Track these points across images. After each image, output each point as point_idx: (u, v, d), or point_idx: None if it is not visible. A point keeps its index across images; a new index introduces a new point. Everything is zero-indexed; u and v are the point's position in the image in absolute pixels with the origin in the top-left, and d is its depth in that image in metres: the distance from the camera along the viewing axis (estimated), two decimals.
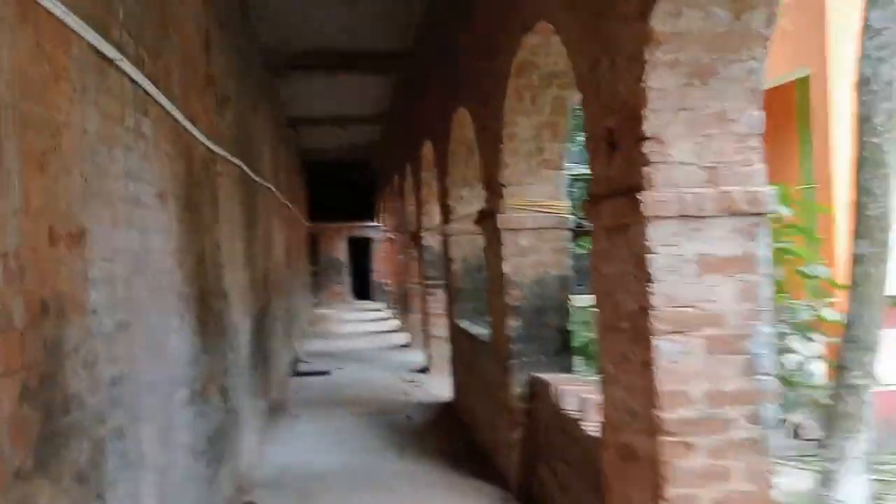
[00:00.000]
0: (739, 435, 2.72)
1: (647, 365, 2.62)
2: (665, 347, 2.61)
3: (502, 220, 4.74)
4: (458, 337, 7.03)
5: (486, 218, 5.10)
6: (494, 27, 4.81)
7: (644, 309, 2.61)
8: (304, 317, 15.58)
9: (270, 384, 7.70)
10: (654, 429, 2.64)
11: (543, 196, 4.80)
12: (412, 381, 8.85)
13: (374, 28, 7.88)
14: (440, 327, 9.31)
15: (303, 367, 9.78)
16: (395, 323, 15.01)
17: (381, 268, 20.57)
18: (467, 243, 7.15)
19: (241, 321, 5.73)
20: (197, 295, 4.04)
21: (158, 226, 3.32)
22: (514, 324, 4.78)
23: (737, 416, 2.72)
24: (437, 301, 9.34)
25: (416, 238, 9.80)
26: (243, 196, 6.34)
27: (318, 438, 6.39)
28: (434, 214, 9.29)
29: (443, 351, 9.27)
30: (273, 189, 9.02)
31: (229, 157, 5.39)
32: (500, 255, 4.80)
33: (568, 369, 4.85)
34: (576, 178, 9.40)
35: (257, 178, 7.19)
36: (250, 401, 6.04)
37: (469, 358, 6.48)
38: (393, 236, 13.93)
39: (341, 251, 21.42)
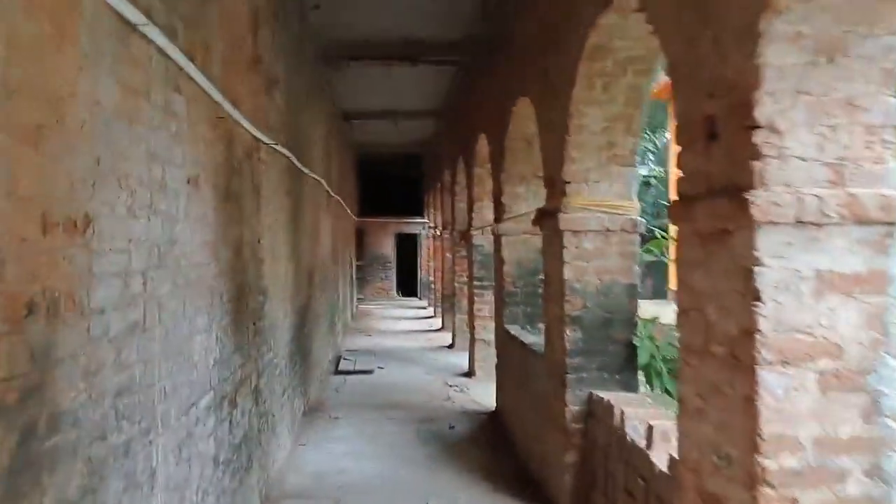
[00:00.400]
0: (855, 490, 2.24)
1: (749, 401, 2.17)
2: (772, 381, 2.15)
3: (565, 220, 4.31)
4: (507, 343, 6.61)
5: (547, 217, 4.67)
6: (563, 7, 4.37)
7: (748, 333, 2.16)
8: (349, 312, 15.39)
9: (310, 383, 7.44)
10: (753, 479, 2.19)
11: (611, 195, 4.34)
12: (455, 386, 8.47)
13: (432, 18, 7.51)
14: (487, 331, 8.91)
15: (344, 366, 9.51)
16: (439, 322, 14.67)
17: (428, 265, 20.29)
18: (521, 244, 6.72)
19: (281, 318, 5.45)
20: (232, 290, 3.74)
21: (190, 214, 3.01)
22: (573, 335, 4.35)
23: (853, 467, 2.25)
24: (485, 303, 8.94)
25: (466, 237, 9.42)
26: (290, 187, 6.07)
27: (355, 444, 6.07)
28: (486, 212, 8.86)
29: (489, 355, 8.87)
30: (322, 182, 8.77)
31: (276, 145, 5.10)
32: (560, 259, 4.36)
33: (632, 388, 4.39)
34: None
35: (306, 170, 6.92)
36: (287, 402, 5.76)
37: (518, 367, 6.07)
38: (441, 234, 13.58)
39: (388, 247, 21.23)
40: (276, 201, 5.38)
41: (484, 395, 7.97)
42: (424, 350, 11.46)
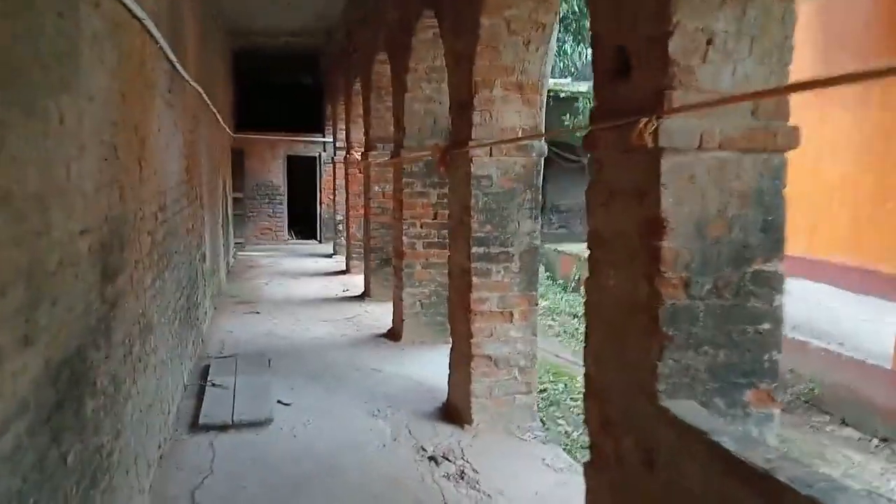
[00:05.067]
0: None
1: None
2: None
3: None
4: (687, 461, 2.37)
5: None
6: None
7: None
8: (223, 269, 10.56)
9: None
10: None
11: None
12: (449, 463, 4.20)
13: None
14: (497, 341, 4.67)
15: (212, 408, 4.87)
16: (360, 281, 10.24)
17: (331, 199, 15.56)
18: (707, 177, 2.44)
19: None
20: None
21: None
22: None
23: None
24: (494, 288, 4.65)
25: (448, 160, 5.00)
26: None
27: None
28: (506, 113, 4.49)
29: (497, 385, 4.72)
30: (158, 37, 4.01)
31: None
32: None
33: None
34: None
35: None
36: None
37: None
38: (366, 155, 9.00)
39: (277, 173, 16.15)
40: None
41: (517, 485, 3.83)
42: (353, 343, 7.03)
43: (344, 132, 12.21)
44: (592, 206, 2.85)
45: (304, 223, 16.76)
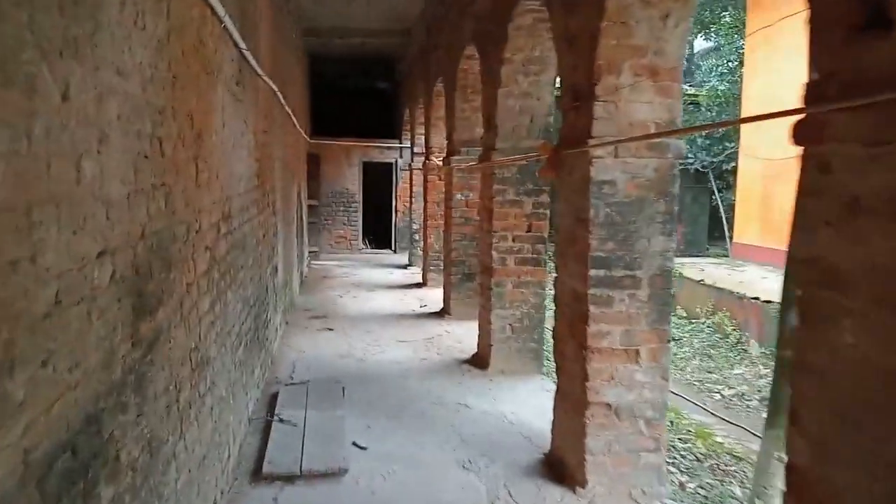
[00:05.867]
0: None
1: None
2: None
3: None
4: None
5: None
6: None
7: None
8: (296, 281, 10.04)
9: None
10: None
11: None
12: None
13: None
14: (618, 385, 3.80)
15: (277, 454, 4.19)
16: (438, 295, 9.54)
17: (406, 207, 14.97)
18: None
19: None
20: None
21: None
22: None
23: None
24: (618, 321, 3.78)
25: (556, 161, 4.19)
26: None
27: None
28: (629, 104, 3.65)
29: (617, 439, 3.84)
30: (231, 31, 3.39)
31: None
32: None
33: None
34: None
35: None
36: None
37: None
38: (448, 160, 8.30)
39: (352, 180, 15.70)
40: None
41: None
42: (434, 370, 6.28)
43: (423, 137, 11.54)
44: (811, 224, 1.97)
45: (378, 232, 16.25)
